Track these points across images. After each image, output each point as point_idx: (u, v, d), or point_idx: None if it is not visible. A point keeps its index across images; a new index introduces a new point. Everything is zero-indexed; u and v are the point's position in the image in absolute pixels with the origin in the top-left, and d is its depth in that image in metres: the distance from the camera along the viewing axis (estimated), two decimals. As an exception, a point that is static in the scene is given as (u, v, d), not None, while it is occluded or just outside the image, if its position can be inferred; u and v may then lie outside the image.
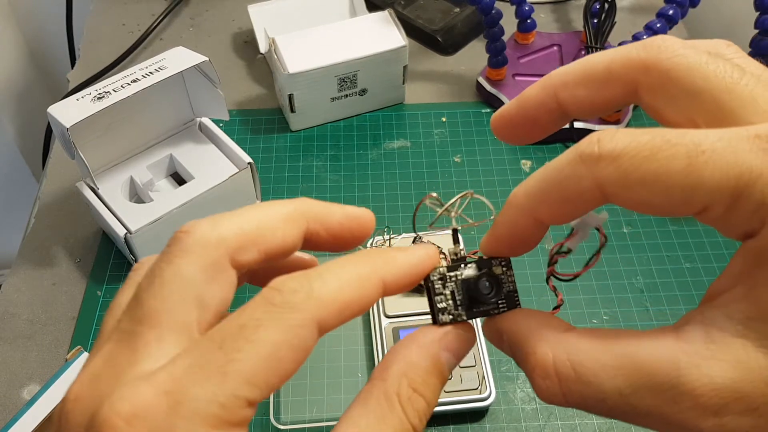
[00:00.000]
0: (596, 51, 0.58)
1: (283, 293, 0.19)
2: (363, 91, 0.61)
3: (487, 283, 0.23)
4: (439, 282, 0.22)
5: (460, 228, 0.24)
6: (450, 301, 0.22)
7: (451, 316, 0.22)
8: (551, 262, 0.23)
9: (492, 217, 0.23)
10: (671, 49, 0.20)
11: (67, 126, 0.45)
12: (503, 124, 0.23)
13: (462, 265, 0.23)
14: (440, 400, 0.43)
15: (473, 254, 0.24)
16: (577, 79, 0.21)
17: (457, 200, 0.24)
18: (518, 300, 0.23)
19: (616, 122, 0.59)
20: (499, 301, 0.23)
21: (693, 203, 0.18)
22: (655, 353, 0.18)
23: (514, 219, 0.21)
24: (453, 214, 0.24)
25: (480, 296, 0.22)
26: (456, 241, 0.24)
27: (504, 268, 0.23)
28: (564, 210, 0.20)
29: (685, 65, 0.19)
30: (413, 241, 0.49)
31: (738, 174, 0.17)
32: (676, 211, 0.18)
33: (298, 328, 0.19)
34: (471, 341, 0.23)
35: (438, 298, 0.22)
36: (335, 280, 0.20)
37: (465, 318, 0.22)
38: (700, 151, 0.17)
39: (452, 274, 0.23)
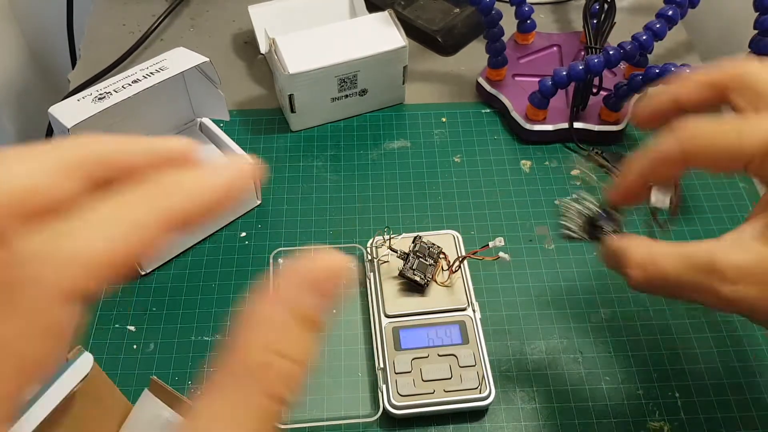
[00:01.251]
0: (595, 51, 0.58)
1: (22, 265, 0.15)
2: (363, 92, 0.62)
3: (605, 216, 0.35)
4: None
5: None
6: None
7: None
8: (652, 216, 0.34)
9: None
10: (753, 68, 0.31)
11: (69, 126, 0.45)
12: (641, 118, 0.34)
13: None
14: (440, 399, 0.44)
15: None
16: (689, 85, 0.32)
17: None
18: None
19: (616, 122, 0.60)
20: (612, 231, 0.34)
21: (740, 159, 0.28)
22: (700, 247, 0.29)
23: (632, 178, 0.32)
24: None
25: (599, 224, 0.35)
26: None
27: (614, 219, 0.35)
28: (662, 169, 0.31)
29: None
30: (413, 241, 0.49)
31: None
32: (731, 165, 0.29)
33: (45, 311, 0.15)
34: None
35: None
36: (93, 233, 0.16)
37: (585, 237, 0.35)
38: (746, 125, 0.28)
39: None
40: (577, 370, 0.47)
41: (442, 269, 0.48)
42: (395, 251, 0.47)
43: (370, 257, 0.50)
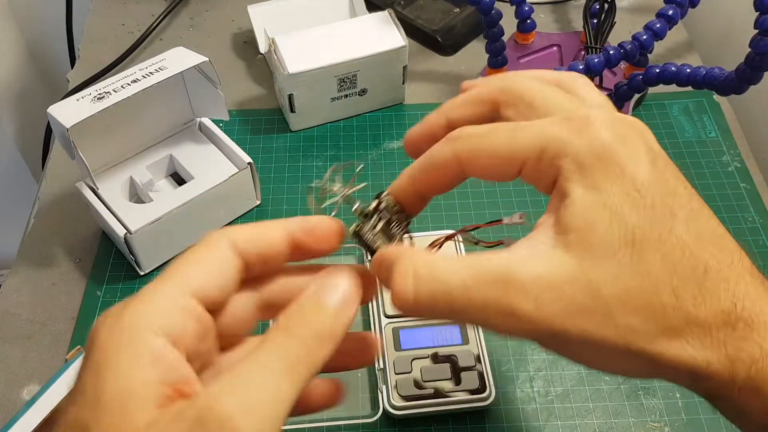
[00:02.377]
0: (596, 51, 0.58)
1: None
2: (363, 91, 0.61)
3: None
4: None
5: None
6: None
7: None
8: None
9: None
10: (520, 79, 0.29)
11: (68, 126, 0.45)
12: (410, 143, 0.32)
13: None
14: (440, 400, 0.44)
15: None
16: (459, 103, 0.30)
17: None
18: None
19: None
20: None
21: (514, 160, 0.26)
22: (493, 259, 0.24)
23: (403, 186, 0.29)
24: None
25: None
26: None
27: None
28: (436, 177, 0.28)
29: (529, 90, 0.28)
30: (377, 197, 0.42)
31: (541, 138, 0.25)
32: (507, 169, 0.26)
33: (212, 242, 0.26)
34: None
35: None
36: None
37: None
38: (519, 128, 0.26)
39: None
40: (577, 371, 0.47)
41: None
42: (352, 203, 0.30)
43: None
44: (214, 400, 0.20)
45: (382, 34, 0.59)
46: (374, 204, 0.29)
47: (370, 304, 0.48)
